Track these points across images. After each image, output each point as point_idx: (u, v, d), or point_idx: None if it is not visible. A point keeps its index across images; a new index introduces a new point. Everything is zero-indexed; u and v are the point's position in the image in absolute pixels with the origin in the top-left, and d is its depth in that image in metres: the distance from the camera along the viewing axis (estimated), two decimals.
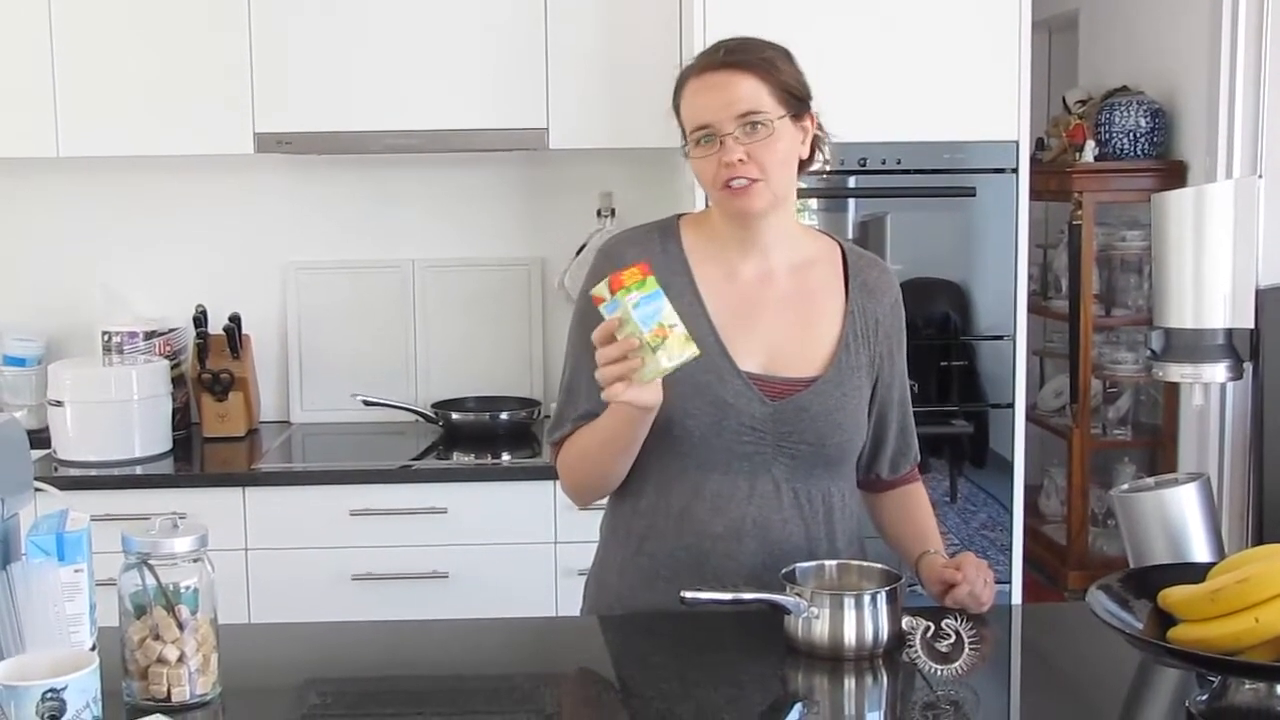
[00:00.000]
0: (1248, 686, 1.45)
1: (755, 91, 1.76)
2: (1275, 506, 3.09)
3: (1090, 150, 3.92)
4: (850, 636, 1.65)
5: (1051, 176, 4.06)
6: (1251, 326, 2.87)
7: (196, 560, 1.52)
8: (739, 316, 1.85)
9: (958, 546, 3.01)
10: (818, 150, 1.87)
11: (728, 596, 1.71)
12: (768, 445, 1.83)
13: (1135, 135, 3.87)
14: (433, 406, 3.46)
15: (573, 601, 2.13)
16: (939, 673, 1.57)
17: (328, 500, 3.02)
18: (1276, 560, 1.48)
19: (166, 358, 3.32)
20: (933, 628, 1.60)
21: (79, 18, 3.17)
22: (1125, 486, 1.89)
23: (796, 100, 1.80)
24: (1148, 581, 1.58)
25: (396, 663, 1.75)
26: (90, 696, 1.35)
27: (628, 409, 1.70)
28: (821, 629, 1.65)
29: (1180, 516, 1.79)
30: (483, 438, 3.37)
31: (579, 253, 3.47)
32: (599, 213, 3.53)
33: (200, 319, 3.40)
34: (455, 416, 3.40)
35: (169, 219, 3.56)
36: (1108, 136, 3.91)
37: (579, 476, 1.91)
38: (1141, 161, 3.89)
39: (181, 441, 3.33)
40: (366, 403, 3.42)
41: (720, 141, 1.76)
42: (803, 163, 1.85)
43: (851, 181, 3.08)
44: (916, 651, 1.59)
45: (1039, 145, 4.27)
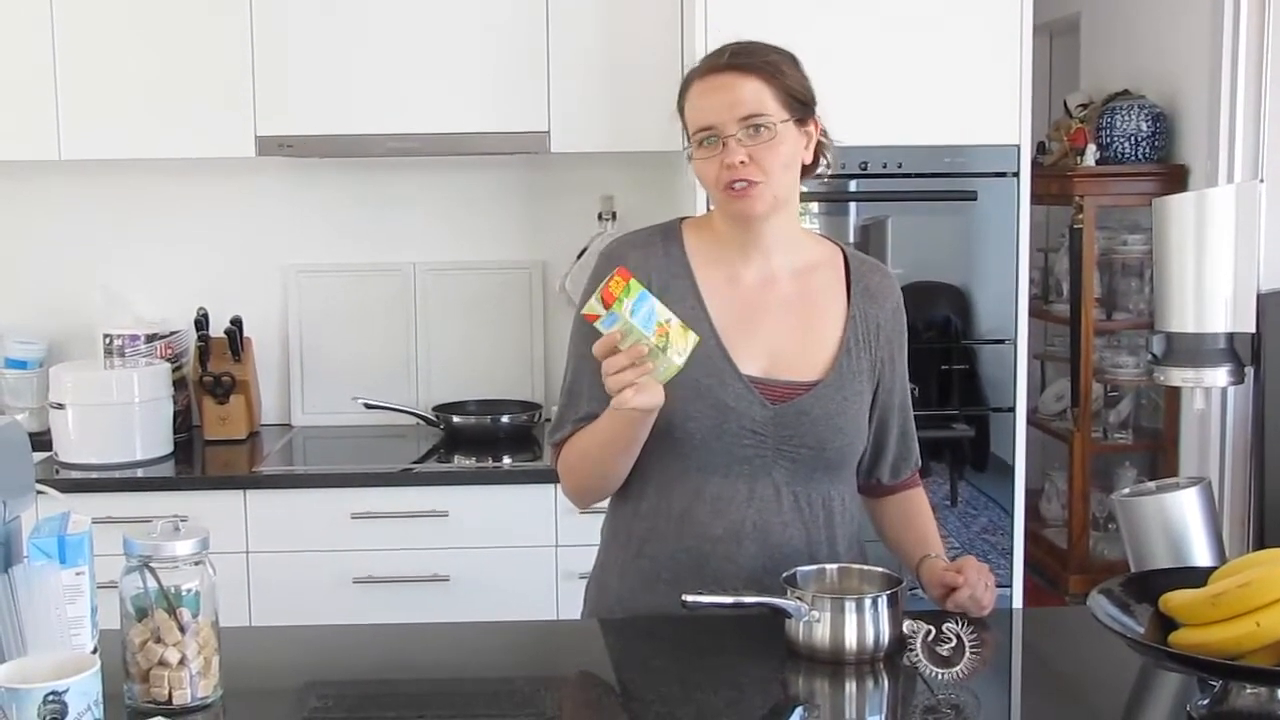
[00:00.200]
0: (1249, 691, 1.45)
1: (759, 94, 1.76)
2: (1276, 511, 3.09)
3: (1091, 154, 3.93)
4: (851, 640, 1.65)
5: (1053, 180, 4.06)
6: (1253, 331, 2.87)
7: (198, 563, 1.53)
8: (741, 320, 1.85)
9: (958, 550, 3.01)
10: (821, 156, 1.87)
11: (729, 600, 1.71)
12: (768, 449, 1.83)
13: (1136, 139, 3.88)
14: (434, 409, 3.46)
15: (573, 605, 2.13)
16: (940, 676, 1.57)
17: (329, 503, 3.01)
18: (1278, 565, 1.48)
19: (168, 360, 3.32)
20: (934, 631, 1.60)
21: (80, 21, 3.17)
22: (1126, 490, 1.89)
23: (801, 105, 1.80)
24: (1149, 586, 1.58)
25: (397, 666, 1.75)
26: (91, 699, 1.35)
27: (632, 411, 1.70)
28: (822, 633, 1.65)
29: (1181, 520, 1.79)
30: (484, 441, 3.37)
31: (580, 256, 3.47)
32: (600, 216, 3.53)
33: (202, 322, 3.40)
34: (456, 419, 3.40)
35: (170, 222, 3.56)
36: (1109, 140, 3.92)
37: (579, 478, 1.91)
38: (1143, 165, 3.90)
39: (183, 444, 3.33)
40: (368, 406, 3.42)
41: (723, 143, 1.76)
42: (806, 168, 1.85)
43: (853, 185, 3.09)
44: (917, 655, 1.59)
45: (1040, 149, 4.28)
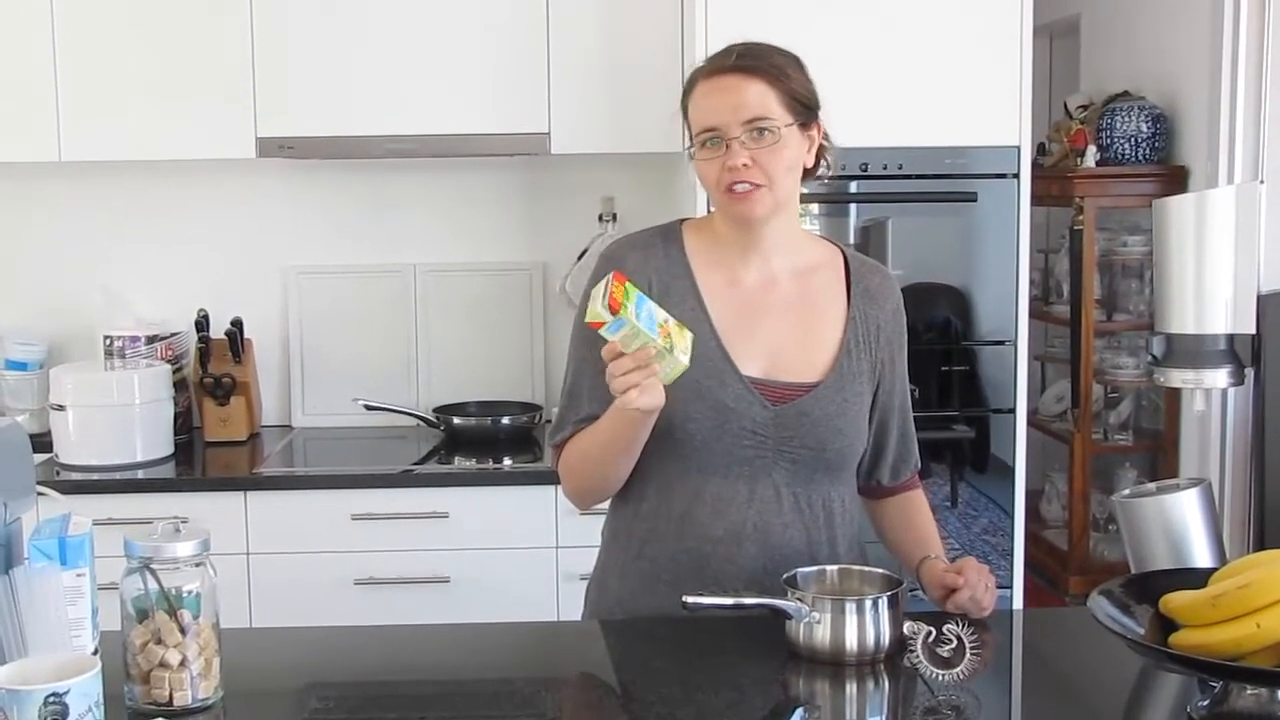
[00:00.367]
0: (1249, 692, 1.45)
1: (764, 97, 1.76)
2: (1276, 511, 3.09)
3: (1091, 155, 3.93)
4: (851, 641, 1.65)
5: (1053, 181, 4.06)
6: (1253, 332, 2.87)
7: (198, 564, 1.53)
8: (741, 321, 1.86)
9: (959, 551, 3.01)
10: (822, 158, 1.87)
11: (729, 601, 1.71)
12: (768, 450, 1.83)
13: (1136, 140, 3.88)
14: (434, 411, 3.45)
15: (574, 606, 2.13)
16: (940, 678, 1.57)
17: (329, 504, 3.01)
18: (1278, 566, 1.48)
19: (168, 362, 3.32)
20: (934, 633, 1.60)
21: (80, 21, 3.17)
22: (1127, 492, 1.89)
23: (805, 109, 1.80)
24: (1149, 586, 1.58)
25: (398, 667, 1.75)
26: (92, 701, 1.35)
27: (635, 411, 1.70)
28: (823, 634, 1.65)
29: (1181, 522, 1.79)
30: (484, 442, 3.37)
31: (580, 257, 3.47)
32: (600, 217, 3.53)
33: (202, 323, 3.40)
34: (457, 421, 3.40)
35: (170, 223, 3.56)
36: (1109, 141, 3.92)
37: (580, 479, 1.91)
38: (1143, 167, 3.90)
39: (183, 445, 3.33)
40: (368, 407, 3.42)
41: (726, 145, 1.76)
42: (807, 170, 1.85)
43: (853, 186, 3.09)
44: (918, 656, 1.59)
45: (1040, 150, 4.28)
